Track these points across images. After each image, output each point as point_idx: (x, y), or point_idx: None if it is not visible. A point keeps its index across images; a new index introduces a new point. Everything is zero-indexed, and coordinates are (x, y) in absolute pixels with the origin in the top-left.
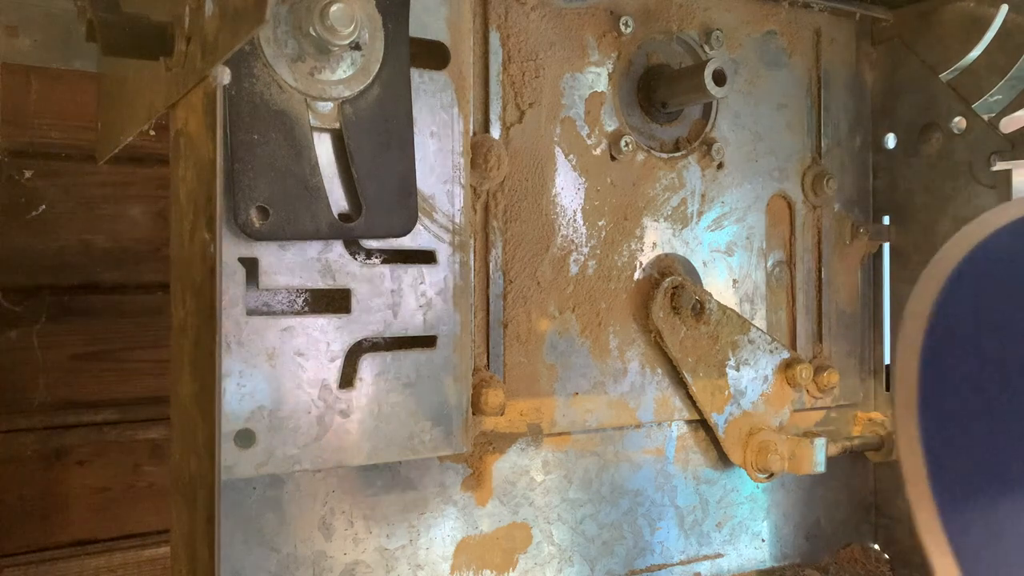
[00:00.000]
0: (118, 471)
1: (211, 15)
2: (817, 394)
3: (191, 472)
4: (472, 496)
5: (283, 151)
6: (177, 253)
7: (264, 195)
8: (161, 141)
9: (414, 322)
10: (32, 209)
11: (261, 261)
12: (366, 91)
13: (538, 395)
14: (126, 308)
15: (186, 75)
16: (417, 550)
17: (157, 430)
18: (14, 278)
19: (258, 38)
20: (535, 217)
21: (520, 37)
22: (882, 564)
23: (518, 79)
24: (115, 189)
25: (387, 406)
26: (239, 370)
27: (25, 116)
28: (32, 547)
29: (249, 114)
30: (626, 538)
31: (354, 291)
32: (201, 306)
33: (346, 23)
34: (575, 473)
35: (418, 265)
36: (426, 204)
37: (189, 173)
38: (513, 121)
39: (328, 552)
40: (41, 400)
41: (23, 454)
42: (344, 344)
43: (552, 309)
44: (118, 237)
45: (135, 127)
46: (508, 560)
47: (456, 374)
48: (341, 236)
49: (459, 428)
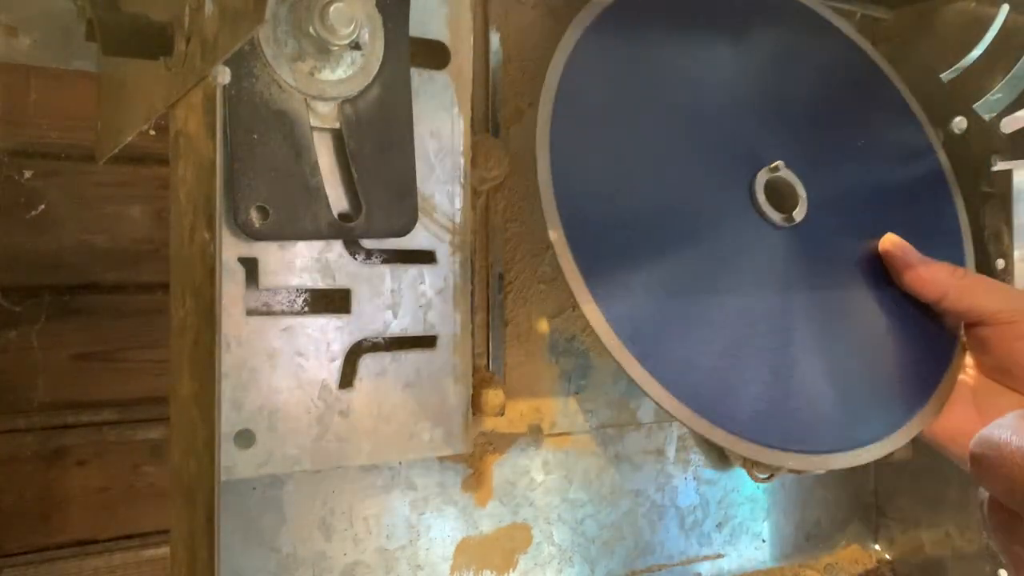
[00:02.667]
0: (118, 471)
1: (211, 15)
2: None
3: (191, 472)
4: (472, 496)
5: (283, 151)
6: (177, 253)
7: (264, 195)
8: (161, 141)
9: (414, 322)
10: (31, 209)
11: (261, 261)
12: (366, 91)
13: (538, 395)
14: (126, 308)
15: (186, 75)
16: (417, 550)
17: (157, 430)
18: (13, 278)
19: (258, 38)
20: (535, 217)
21: (520, 36)
22: (883, 564)
23: (518, 79)
24: (115, 189)
25: (387, 406)
26: (239, 370)
27: (24, 116)
28: (31, 547)
29: (249, 114)
30: (626, 538)
31: (354, 291)
32: (201, 306)
33: (346, 23)
34: (575, 473)
35: (418, 265)
36: (426, 204)
37: (189, 173)
38: (513, 121)
39: (328, 552)
40: (41, 400)
41: (22, 454)
42: (344, 344)
43: (552, 309)
44: (118, 237)
45: (135, 127)
46: (508, 560)
47: (456, 374)
48: (341, 236)
49: (459, 428)
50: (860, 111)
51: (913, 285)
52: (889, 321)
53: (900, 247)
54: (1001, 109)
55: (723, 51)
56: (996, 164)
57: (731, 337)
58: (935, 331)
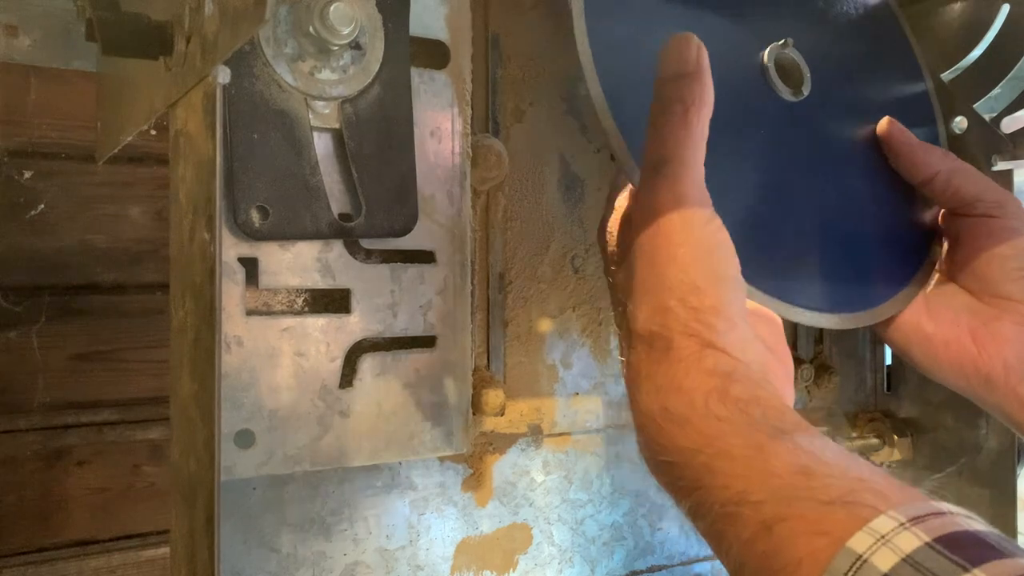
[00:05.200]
0: (118, 471)
1: (211, 15)
2: (818, 394)
3: (190, 472)
4: (472, 496)
5: (283, 151)
6: (176, 253)
7: (264, 195)
8: (161, 141)
9: (414, 322)
10: (31, 209)
11: (261, 261)
12: (366, 91)
13: (538, 395)
14: (126, 308)
15: (186, 75)
16: (417, 551)
17: (157, 430)
18: (13, 278)
19: (258, 37)
20: (535, 217)
21: (520, 36)
22: None
23: (518, 78)
24: (114, 189)
25: (387, 406)
26: (239, 370)
27: (24, 116)
28: (31, 547)
29: (249, 114)
30: (626, 539)
31: (354, 291)
32: (200, 306)
33: (346, 22)
34: (575, 474)
35: (418, 265)
36: (426, 204)
37: (189, 173)
38: (513, 121)
39: (328, 552)
40: (40, 400)
41: (22, 454)
42: (344, 344)
43: (552, 309)
44: (118, 237)
45: (135, 127)
46: (508, 561)
47: (456, 374)
48: (341, 236)
49: (459, 428)
50: (866, 37)
51: (909, 162)
52: (875, 210)
53: (899, 128)
54: (1001, 109)
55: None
56: (996, 164)
57: (736, 196)
58: (919, 225)
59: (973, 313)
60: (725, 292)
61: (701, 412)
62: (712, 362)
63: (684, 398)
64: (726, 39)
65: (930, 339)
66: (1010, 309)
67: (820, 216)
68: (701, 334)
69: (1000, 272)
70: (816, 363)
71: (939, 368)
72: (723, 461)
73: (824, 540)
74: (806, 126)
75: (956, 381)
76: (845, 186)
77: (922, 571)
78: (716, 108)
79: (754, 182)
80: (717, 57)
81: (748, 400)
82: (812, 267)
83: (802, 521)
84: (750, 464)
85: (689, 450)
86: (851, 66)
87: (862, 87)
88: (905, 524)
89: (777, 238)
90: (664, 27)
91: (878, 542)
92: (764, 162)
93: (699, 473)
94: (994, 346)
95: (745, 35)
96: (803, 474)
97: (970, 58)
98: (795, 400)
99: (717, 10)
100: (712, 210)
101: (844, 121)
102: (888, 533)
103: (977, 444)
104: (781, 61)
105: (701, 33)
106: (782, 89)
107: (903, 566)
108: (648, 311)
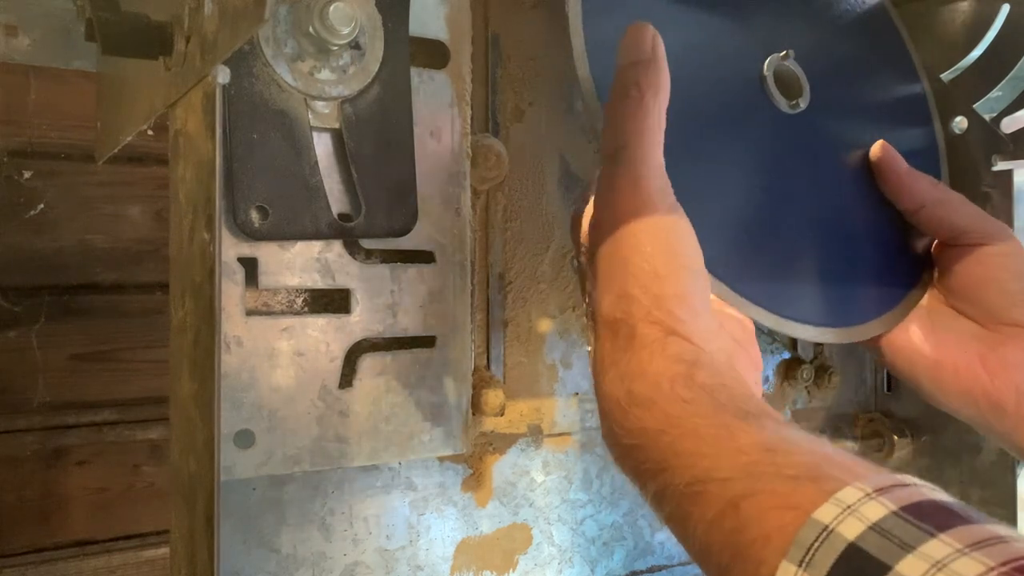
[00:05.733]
0: (117, 471)
1: (210, 15)
2: (818, 394)
3: (190, 472)
4: (472, 497)
5: (283, 151)
6: (176, 253)
7: (264, 195)
8: (160, 141)
9: (414, 322)
10: (31, 209)
11: (261, 261)
12: (366, 91)
13: (538, 395)
14: (126, 308)
15: (185, 75)
16: (417, 551)
17: (156, 430)
18: (13, 278)
19: (257, 37)
20: (535, 217)
21: (520, 36)
22: None
23: (518, 78)
24: (114, 189)
25: (387, 406)
26: (238, 370)
27: (24, 116)
28: (30, 548)
29: (248, 114)
30: (626, 539)
31: (354, 291)
32: (200, 306)
33: (346, 22)
34: (575, 474)
35: (418, 265)
36: (426, 204)
37: (188, 173)
38: (513, 121)
39: (328, 553)
40: (40, 400)
41: (22, 454)
42: (344, 344)
43: (552, 309)
44: (118, 237)
45: (134, 127)
46: (508, 561)
47: (456, 374)
48: (341, 236)
49: (459, 429)
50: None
51: (895, 191)
52: (868, 227)
53: (890, 154)
54: (1001, 109)
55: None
56: (996, 164)
57: (730, 205)
58: (911, 246)
59: (979, 339)
60: (687, 281)
61: (667, 395)
62: (676, 349)
63: (649, 382)
64: (725, 47)
65: (938, 365)
66: (1016, 335)
67: (813, 229)
68: (664, 322)
69: (1001, 298)
70: (816, 363)
71: (946, 395)
72: (689, 440)
73: (792, 514)
74: (802, 138)
75: (964, 408)
76: (840, 200)
77: (889, 538)
78: (711, 117)
79: (747, 193)
80: (715, 65)
81: (714, 386)
82: (803, 280)
83: (770, 496)
84: (717, 442)
85: (654, 431)
86: (849, 75)
87: (860, 97)
88: (871, 494)
89: (768, 249)
90: (662, 31)
91: (844, 511)
92: (758, 173)
93: (664, 454)
94: (1005, 373)
95: (744, 43)
96: (770, 451)
97: (970, 58)
98: (795, 400)
99: (716, 17)
100: (673, 198)
101: (841, 134)
102: (854, 503)
103: (977, 444)
104: (780, 72)
105: (700, 42)
106: (780, 101)
107: (870, 533)
108: (612, 298)
